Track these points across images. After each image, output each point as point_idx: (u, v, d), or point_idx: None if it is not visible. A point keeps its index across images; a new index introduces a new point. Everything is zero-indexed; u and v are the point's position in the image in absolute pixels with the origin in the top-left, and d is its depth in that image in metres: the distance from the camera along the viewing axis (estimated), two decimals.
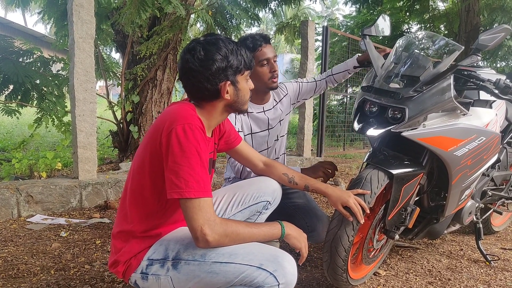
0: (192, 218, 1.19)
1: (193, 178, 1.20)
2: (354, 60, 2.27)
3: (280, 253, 1.24)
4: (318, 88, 2.33)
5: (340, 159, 6.94)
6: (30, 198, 3.00)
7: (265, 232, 1.31)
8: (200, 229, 1.18)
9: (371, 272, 2.03)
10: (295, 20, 10.97)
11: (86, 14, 3.26)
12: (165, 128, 1.24)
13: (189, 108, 1.31)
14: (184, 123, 1.22)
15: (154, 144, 1.27)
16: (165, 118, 1.28)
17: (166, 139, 1.22)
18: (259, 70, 1.98)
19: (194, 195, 1.19)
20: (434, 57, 1.90)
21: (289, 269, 1.21)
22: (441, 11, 9.98)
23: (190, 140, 1.21)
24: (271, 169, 1.70)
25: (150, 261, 1.30)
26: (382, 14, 2.15)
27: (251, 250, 1.23)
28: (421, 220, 2.08)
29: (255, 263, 1.20)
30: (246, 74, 1.40)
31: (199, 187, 1.20)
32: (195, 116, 1.28)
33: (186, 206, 1.20)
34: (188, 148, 1.20)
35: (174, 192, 1.20)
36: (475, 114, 1.94)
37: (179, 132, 1.21)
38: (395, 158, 1.84)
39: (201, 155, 1.23)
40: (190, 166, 1.20)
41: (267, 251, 1.24)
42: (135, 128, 4.53)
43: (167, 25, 4.36)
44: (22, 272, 2.03)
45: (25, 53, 4.39)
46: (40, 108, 4.23)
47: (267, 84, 2.02)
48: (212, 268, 1.22)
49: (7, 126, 9.10)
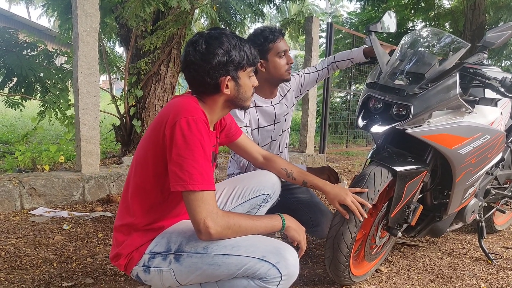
0: (195, 211, 1.19)
1: (197, 170, 1.20)
2: (360, 50, 2.26)
3: (282, 245, 1.25)
4: (320, 77, 2.34)
5: (342, 156, 6.93)
6: (33, 191, 3.01)
7: (266, 224, 1.31)
8: (203, 222, 1.18)
9: (373, 269, 2.03)
10: (299, 16, 10.93)
11: (90, 7, 3.25)
12: (169, 121, 1.24)
13: (192, 101, 1.31)
14: (188, 116, 1.22)
15: (157, 136, 1.27)
16: (169, 110, 1.28)
17: (170, 132, 1.22)
18: (277, 61, 2.00)
19: (198, 188, 1.19)
20: (439, 54, 1.89)
21: (292, 261, 1.22)
22: (446, 9, 9.91)
23: (194, 133, 1.21)
24: (270, 163, 1.70)
25: (152, 254, 1.30)
26: (388, 10, 2.14)
27: (254, 242, 1.24)
28: (424, 217, 2.08)
29: (257, 255, 1.20)
30: (249, 71, 1.39)
31: (203, 180, 1.20)
32: (198, 109, 1.28)
33: (189, 199, 1.20)
34: (192, 141, 1.21)
35: (178, 184, 1.20)
36: (480, 112, 1.93)
37: (183, 125, 1.21)
38: (399, 155, 1.84)
39: (205, 148, 1.23)
40: (194, 159, 1.20)
41: (269, 243, 1.25)
42: (138, 123, 4.53)
43: (171, 19, 4.34)
44: (25, 264, 2.04)
45: (29, 46, 4.38)
46: (44, 101, 4.23)
47: (283, 76, 2.03)
48: (215, 260, 1.22)
49: (10, 119, 9.12)
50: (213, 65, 1.29)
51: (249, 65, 1.37)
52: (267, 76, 2.04)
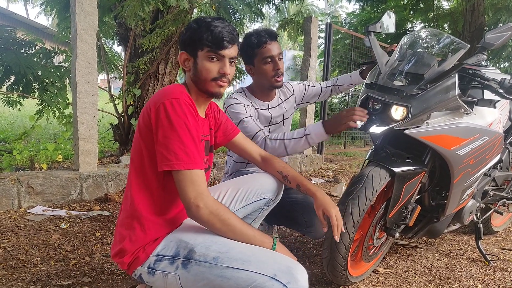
0: (184, 191, 1.21)
1: (182, 150, 1.21)
2: (357, 74, 2.32)
3: (294, 265, 1.21)
4: (323, 94, 2.35)
5: (340, 156, 6.94)
6: (31, 189, 3.00)
7: (255, 235, 1.29)
8: (193, 201, 1.20)
9: (371, 269, 2.03)
10: (298, 16, 10.92)
11: (89, 5, 3.24)
12: (153, 104, 1.27)
13: (178, 86, 1.35)
14: (171, 98, 1.25)
15: (145, 121, 1.29)
16: (155, 96, 1.31)
17: (155, 114, 1.25)
18: (262, 67, 1.97)
19: (183, 167, 1.21)
20: (439, 55, 1.89)
21: (302, 283, 1.19)
22: (445, 10, 9.94)
23: (178, 113, 1.23)
24: (268, 164, 1.69)
25: (159, 256, 1.28)
26: (387, 11, 2.14)
27: (265, 258, 1.21)
28: (422, 218, 2.08)
29: (268, 273, 1.17)
30: (208, 52, 1.33)
31: (189, 160, 1.21)
32: (184, 93, 1.31)
33: (178, 179, 1.22)
34: (176, 121, 1.23)
35: (164, 164, 1.22)
36: (478, 114, 1.93)
37: (167, 106, 1.24)
38: (397, 156, 1.84)
39: (190, 129, 1.24)
40: (179, 139, 1.22)
41: (281, 261, 1.22)
42: (136, 122, 4.52)
43: (170, 18, 4.34)
44: (22, 263, 2.03)
45: (27, 44, 4.37)
46: (42, 99, 4.22)
47: (270, 82, 2.01)
48: (224, 272, 1.20)
49: (8, 117, 9.10)
50: (181, 41, 1.37)
51: (207, 46, 1.32)
52: (257, 81, 2.06)
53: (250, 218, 1.69)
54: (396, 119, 1.72)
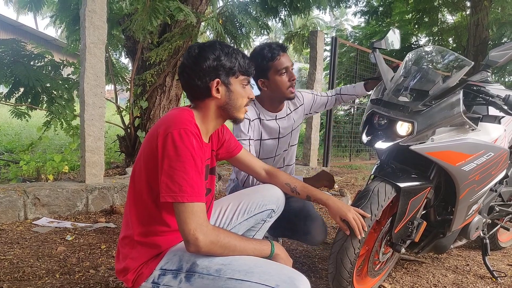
0: (185, 222, 1.20)
1: (187, 182, 1.21)
2: (361, 85, 2.32)
3: (296, 275, 1.22)
4: (329, 103, 2.36)
5: (346, 169, 6.92)
6: (37, 201, 3.02)
7: (255, 247, 1.31)
8: (192, 233, 1.19)
9: (376, 285, 2.02)
10: (303, 29, 11.03)
11: (98, 19, 3.30)
12: (161, 132, 1.26)
13: (187, 114, 1.34)
14: (180, 128, 1.25)
15: (150, 147, 1.29)
16: (163, 122, 1.31)
17: (162, 143, 1.25)
18: (278, 79, 1.98)
19: (187, 200, 1.21)
20: (443, 71, 1.91)
21: None
22: (449, 25, 9.99)
23: (186, 144, 1.23)
24: (273, 178, 1.71)
25: (163, 271, 1.29)
26: (392, 27, 2.16)
27: (268, 269, 1.22)
28: (428, 234, 2.07)
29: (271, 284, 1.18)
30: (242, 79, 1.41)
31: (193, 192, 1.22)
32: (192, 122, 1.31)
33: (179, 210, 1.21)
34: (184, 152, 1.23)
35: (168, 195, 1.22)
36: (483, 130, 1.94)
37: (175, 136, 1.23)
38: (403, 171, 1.84)
39: (196, 161, 1.25)
40: (184, 170, 1.22)
41: (283, 271, 1.22)
42: (142, 134, 4.56)
43: (178, 32, 4.40)
44: (27, 275, 2.04)
45: (36, 56, 4.43)
46: (50, 111, 4.26)
47: (285, 94, 2.02)
48: (227, 284, 1.20)
49: (15, 127, 9.18)
50: (203, 68, 1.33)
51: (241, 72, 1.39)
52: (270, 94, 2.05)
53: (253, 230, 1.70)
54: (401, 135, 1.73)
